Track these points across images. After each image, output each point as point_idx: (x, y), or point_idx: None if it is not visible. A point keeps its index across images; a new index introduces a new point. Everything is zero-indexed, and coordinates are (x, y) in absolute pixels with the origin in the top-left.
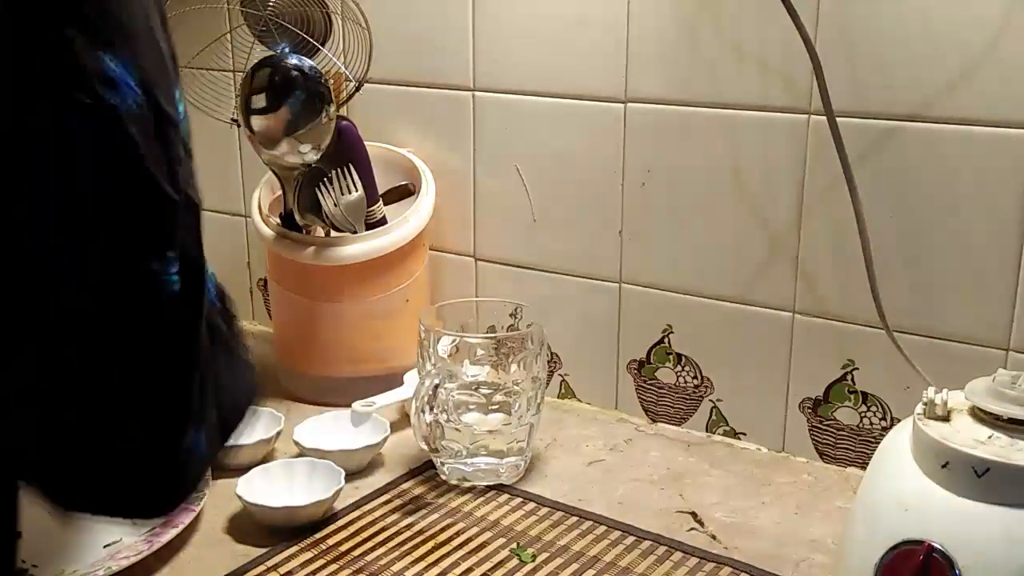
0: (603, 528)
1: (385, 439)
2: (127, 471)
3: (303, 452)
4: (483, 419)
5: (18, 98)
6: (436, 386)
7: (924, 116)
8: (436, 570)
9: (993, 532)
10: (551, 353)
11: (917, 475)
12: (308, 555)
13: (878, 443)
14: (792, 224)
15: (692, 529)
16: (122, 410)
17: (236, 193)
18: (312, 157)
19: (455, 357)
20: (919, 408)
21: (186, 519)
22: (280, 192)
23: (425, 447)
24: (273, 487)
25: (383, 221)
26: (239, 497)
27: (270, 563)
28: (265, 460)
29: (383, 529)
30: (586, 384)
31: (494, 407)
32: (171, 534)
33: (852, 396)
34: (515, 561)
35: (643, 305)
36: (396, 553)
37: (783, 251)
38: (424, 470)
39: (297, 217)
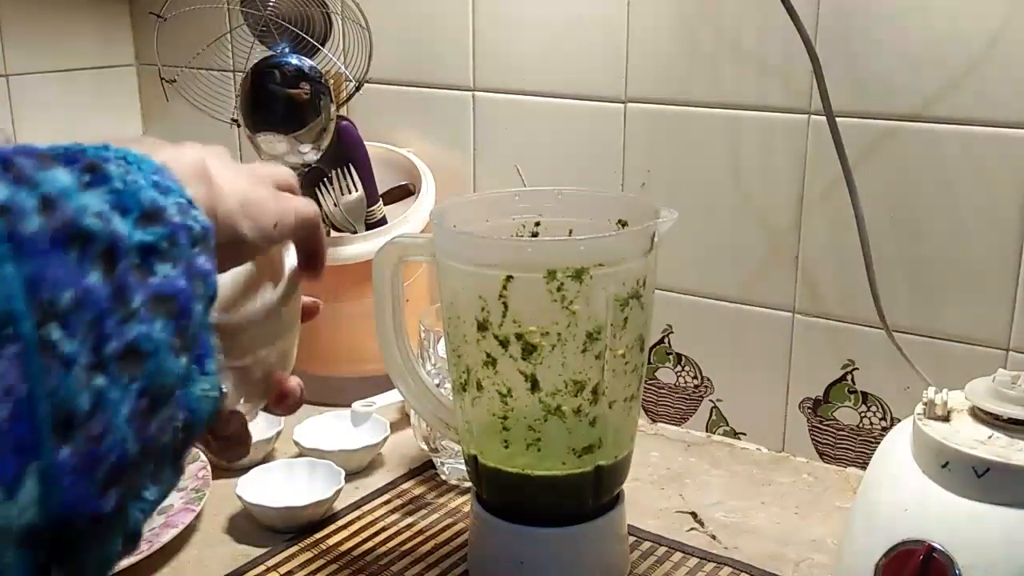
0: None
1: (385, 439)
2: None
3: (303, 452)
4: None
5: None
6: (436, 386)
7: (924, 116)
8: (436, 570)
9: (993, 532)
10: None
11: (917, 475)
12: (308, 555)
13: (878, 443)
14: (792, 224)
15: (692, 529)
16: None
17: None
18: (312, 157)
19: None
20: (919, 408)
21: (186, 519)
22: None
23: (425, 447)
24: (273, 487)
25: (383, 221)
26: (239, 497)
27: (270, 563)
28: (265, 460)
29: (383, 529)
30: None
31: None
32: (171, 534)
33: (852, 396)
34: None
35: None
36: (396, 553)
37: (783, 251)
38: (424, 470)
39: None
